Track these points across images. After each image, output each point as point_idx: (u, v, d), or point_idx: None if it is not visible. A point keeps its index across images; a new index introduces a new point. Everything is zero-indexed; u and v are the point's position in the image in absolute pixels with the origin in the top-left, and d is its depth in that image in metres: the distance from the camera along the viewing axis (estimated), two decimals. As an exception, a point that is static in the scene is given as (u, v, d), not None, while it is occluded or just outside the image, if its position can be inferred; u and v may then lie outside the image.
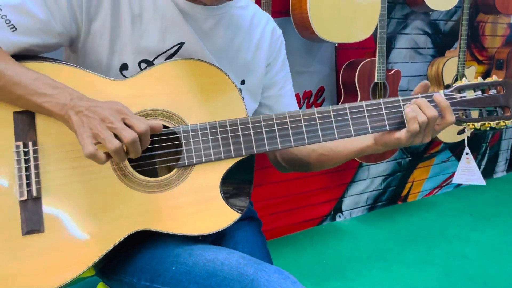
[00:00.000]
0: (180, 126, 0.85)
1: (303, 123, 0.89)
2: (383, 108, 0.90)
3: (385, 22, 2.33)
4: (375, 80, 2.38)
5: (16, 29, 0.78)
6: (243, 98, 0.91)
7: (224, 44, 0.95)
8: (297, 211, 2.67)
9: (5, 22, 0.77)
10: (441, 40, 3.04)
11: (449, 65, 2.76)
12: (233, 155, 0.87)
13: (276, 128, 0.88)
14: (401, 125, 0.90)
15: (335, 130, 0.89)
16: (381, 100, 0.90)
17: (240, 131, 0.87)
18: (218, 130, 0.86)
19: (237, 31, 0.97)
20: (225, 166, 0.87)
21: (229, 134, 0.87)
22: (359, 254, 2.43)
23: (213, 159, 0.86)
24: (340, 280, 2.14)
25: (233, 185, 0.89)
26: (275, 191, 2.55)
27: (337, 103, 2.51)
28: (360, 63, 2.34)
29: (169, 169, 0.87)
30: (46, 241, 0.78)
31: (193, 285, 0.78)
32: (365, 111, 0.90)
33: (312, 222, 2.77)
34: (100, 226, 0.80)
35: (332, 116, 0.89)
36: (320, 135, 0.89)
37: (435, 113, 0.86)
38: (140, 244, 0.88)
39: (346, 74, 2.42)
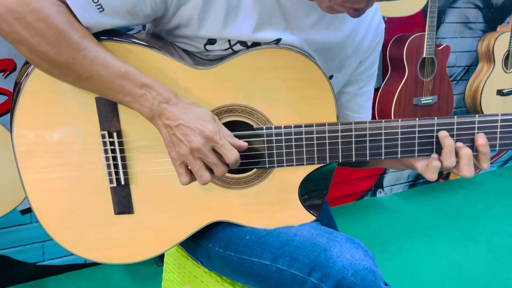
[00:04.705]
0: (264, 127, 0.81)
1: (399, 135, 0.80)
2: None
3: (436, -5, 2.28)
4: (424, 56, 2.34)
5: (103, 9, 0.72)
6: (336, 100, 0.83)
7: (324, 41, 0.86)
8: (339, 185, 2.71)
9: (93, 1, 0.71)
10: (493, 15, 2.93)
11: (501, 40, 2.67)
12: (315, 162, 0.82)
13: (368, 138, 0.80)
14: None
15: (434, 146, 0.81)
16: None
17: (327, 139, 0.81)
18: (304, 136, 0.80)
19: (341, 26, 0.87)
20: (305, 171, 0.85)
21: (315, 142, 0.81)
22: (401, 229, 2.45)
23: (294, 165, 0.82)
24: (382, 254, 2.18)
25: (311, 190, 0.88)
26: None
27: (383, 79, 2.50)
28: (408, 37, 2.30)
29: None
30: (136, 221, 0.85)
31: (267, 254, 0.81)
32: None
33: (353, 196, 2.80)
34: (182, 213, 0.85)
35: (435, 131, 0.80)
36: (416, 150, 0.81)
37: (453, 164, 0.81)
38: None
39: (394, 48, 2.38)
